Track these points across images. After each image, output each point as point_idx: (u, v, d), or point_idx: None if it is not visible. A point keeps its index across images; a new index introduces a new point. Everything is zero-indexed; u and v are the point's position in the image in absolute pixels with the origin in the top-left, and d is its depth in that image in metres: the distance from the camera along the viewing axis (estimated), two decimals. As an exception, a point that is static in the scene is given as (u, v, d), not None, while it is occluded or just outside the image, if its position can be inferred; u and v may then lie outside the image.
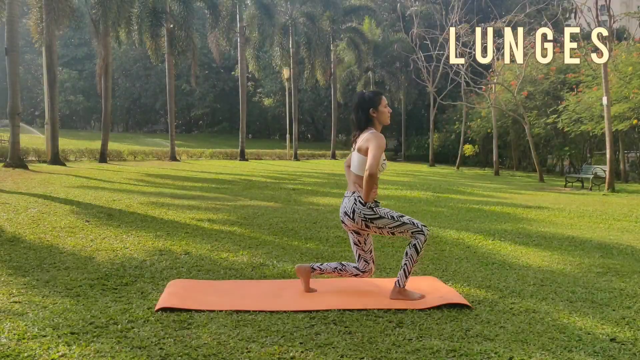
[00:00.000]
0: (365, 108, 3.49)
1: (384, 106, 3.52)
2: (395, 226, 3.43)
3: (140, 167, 18.22)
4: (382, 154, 3.38)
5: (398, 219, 3.44)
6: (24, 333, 2.65)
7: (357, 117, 3.53)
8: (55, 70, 17.24)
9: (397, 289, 3.48)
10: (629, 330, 3.01)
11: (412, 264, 3.46)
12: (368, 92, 3.60)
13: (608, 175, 15.24)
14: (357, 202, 3.44)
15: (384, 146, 3.40)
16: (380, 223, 3.44)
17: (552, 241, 5.99)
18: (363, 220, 3.45)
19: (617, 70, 19.08)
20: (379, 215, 3.43)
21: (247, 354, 2.51)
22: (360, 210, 3.43)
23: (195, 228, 6.01)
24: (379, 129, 3.52)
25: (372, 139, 3.38)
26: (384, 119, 3.52)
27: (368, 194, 3.37)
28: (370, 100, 3.50)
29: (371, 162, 3.30)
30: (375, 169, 3.30)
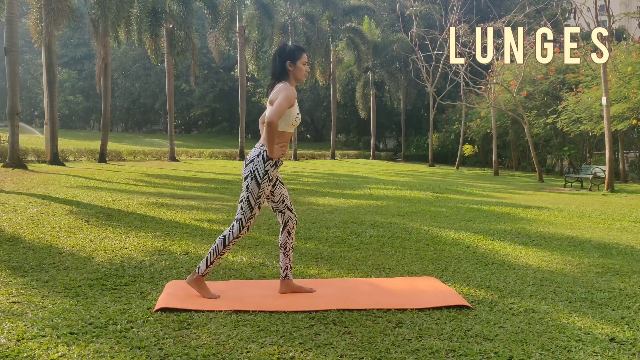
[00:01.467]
0: (283, 59, 3.45)
1: (303, 63, 3.47)
2: (247, 202, 3.39)
3: (140, 167, 18.22)
4: (289, 105, 3.31)
5: (256, 203, 3.39)
6: (23, 333, 2.65)
7: (273, 65, 3.49)
8: (55, 70, 17.24)
9: (195, 276, 3.42)
10: (629, 330, 3.01)
11: (216, 255, 3.40)
12: (291, 45, 3.53)
13: (607, 175, 15.25)
14: (260, 155, 3.37)
15: (294, 98, 3.34)
16: (252, 186, 3.37)
17: (551, 241, 5.99)
18: (249, 172, 3.38)
19: (616, 70, 19.10)
20: (260, 183, 3.37)
21: (246, 354, 2.51)
22: (257, 164, 3.37)
23: (194, 228, 6.01)
24: (292, 83, 3.47)
25: (282, 90, 3.33)
26: (299, 75, 3.47)
27: (271, 147, 3.30)
28: (290, 53, 3.45)
29: (274, 110, 3.24)
30: (276, 118, 3.23)
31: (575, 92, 22.05)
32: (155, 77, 49.09)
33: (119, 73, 50.01)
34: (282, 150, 3.39)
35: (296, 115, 3.43)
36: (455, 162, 30.66)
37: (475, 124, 30.69)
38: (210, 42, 28.04)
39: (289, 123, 3.41)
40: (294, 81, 3.49)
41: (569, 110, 21.41)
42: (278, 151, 3.36)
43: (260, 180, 3.37)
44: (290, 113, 3.38)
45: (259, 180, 3.37)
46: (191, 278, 3.44)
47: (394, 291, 3.68)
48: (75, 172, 13.87)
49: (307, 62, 3.54)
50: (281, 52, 3.48)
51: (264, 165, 3.37)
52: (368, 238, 5.77)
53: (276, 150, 3.35)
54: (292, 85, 3.46)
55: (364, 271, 4.31)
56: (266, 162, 3.37)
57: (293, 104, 3.37)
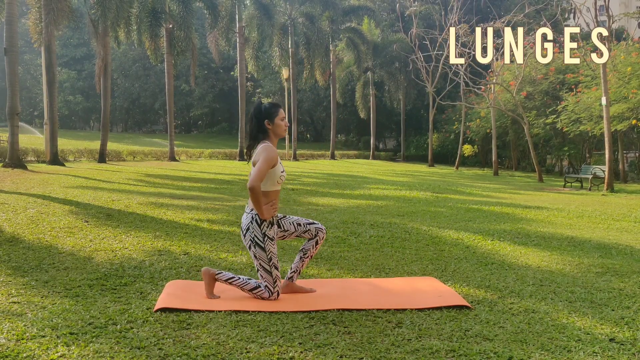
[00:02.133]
0: (261, 119, 3.45)
1: (281, 119, 3.47)
2: (264, 267, 3.39)
3: (139, 167, 18.22)
4: (270, 167, 3.32)
5: (271, 266, 3.39)
6: (23, 333, 2.65)
7: (251, 127, 3.49)
8: (54, 70, 17.23)
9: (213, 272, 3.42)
10: (628, 330, 3.01)
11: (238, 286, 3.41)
12: (266, 103, 3.53)
13: (607, 176, 15.26)
14: (254, 221, 3.39)
15: (275, 159, 3.35)
16: (259, 253, 3.39)
17: (551, 241, 6.00)
18: (250, 241, 3.40)
19: (616, 70, 19.10)
20: (264, 247, 3.38)
21: (246, 354, 2.51)
22: (254, 231, 3.39)
23: (194, 228, 6.01)
24: (274, 141, 3.47)
25: (262, 153, 3.34)
26: (279, 132, 3.47)
27: (260, 209, 3.31)
28: (266, 112, 3.45)
29: (254, 175, 3.26)
30: (256, 183, 3.24)
31: (575, 92, 22.06)
32: (155, 77, 49.10)
33: (119, 73, 50.02)
34: (272, 209, 3.40)
35: (280, 174, 3.43)
36: (455, 162, 30.67)
37: (475, 124, 30.69)
38: (210, 42, 28.06)
39: (274, 182, 3.41)
40: (274, 138, 3.48)
41: (569, 111, 21.42)
42: (269, 211, 3.37)
43: (264, 244, 3.39)
44: (275, 173, 3.38)
45: (263, 245, 3.39)
46: (209, 271, 3.44)
47: (394, 291, 3.68)
48: (75, 172, 13.87)
49: (285, 116, 3.53)
50: (257, 112, 3.47)
51: (260, 229, 3.39)
52: (368, 238, 5.77)
53: (266, 211, 3.35)
54: (273, 143, 3.47)
55: (363, 271, 4.31)
56: (261, 226, 3.39)
57: (275, 164, 3.37)
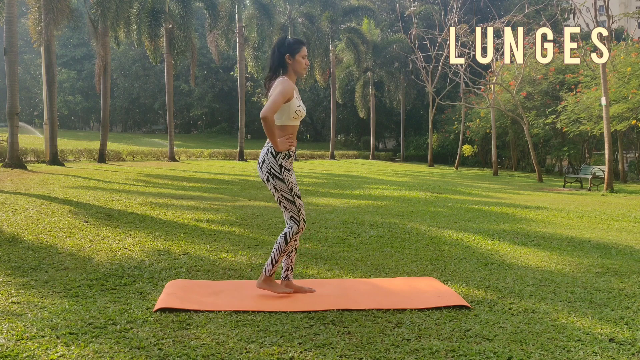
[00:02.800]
0: (282, 53, 3.41)
1: (302, 56, 3.43)
2: (286, 198, 3.39)
3: (139, 167, 18.21)
4: (285, 99, 3.28)
5: (292, 195, 3.39)
6: (23, 333, 2.65)
7: (272, 59, 3.45)
8: (54, 70, 17.23)
9: (263, 277, 3.46)
10: (628, 331, 3.01)
11: (279, 252, 3.42)
12: (290, 38, 3.48)
13: (607, 176, 15.26)
14: (269, 153, 3.37)
15: (290, 92, 3.30)
16: (278, 184, 3.37)
17: (550, 241, 6.00)
18: (267, 172, 3.38)
19: (615, 70, 19.11)
20: (282, 177, 3.36)
21: (246, 355, 2.51)
22: (269, 162, 3.37)
23: (194, 228, 6.01)
24: (293, 78, 3.45)
25: (278, 85, 3.31)
26: (299, 69, 3.43)
27: (274, 141, 3.28)
28: (289, 46, 3.42)
29: (267, 105, 3.21)
30: (269, 113, 3.19)
31: (575, 93, 22.07)
32: (155, 77, 49.10)
33: (119, 73, 50.01)
34: (288, 142, 3.37)
35: (296, 108, 3.38)
36: (455, 162, 30.67)
37: (474, 124, 30.69)
38: (209, 42, 28.05)
39: (289, 117, 3.38)
40: (293, 75, 3.45)
41: (569, 111, 21.42)
42: (284, 144, 3.34)
43: (281, 175, 3.37)
44: (290, 107, 3.35)
45: (280, 176, 3.37)
46: (260, 281, 3.46)
47: (394, 291, 3.68)
48: (75, 173, 13.87)
49: (307, 55, 3.50)
50: (280, 45, 3.44)
51: (276, 161, 3.36)
52: (367, 238, 5.77)
53: (281, 143, 3.33)
54: (292, 79, 3.43)
55: (363, 271, 4.31)
56: (277, 157, 3.36)
57: (290, 98, 3.33)
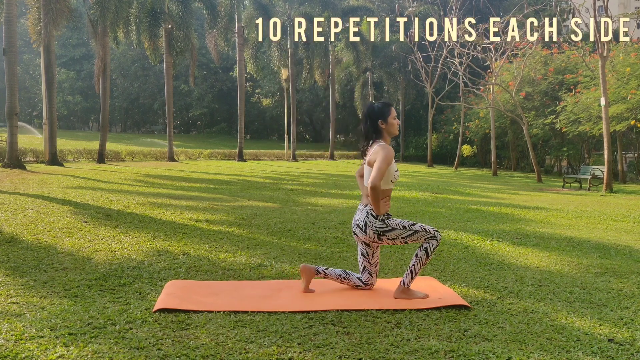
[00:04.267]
0: (375, 119, 3.54)
1: (393, 117, 3.56)
2: (407, 235, 3.49)
3: (139, 167, 18.20)
4: (388, 166, 3.42)
5: (410, 228, 3.48)
6: (22, 334, 2.64)
7: (365, 128, 3.57)
8: (53, 70, 17.22)
9: (401, 288, 3.53)
10: (627, 331, 3.01)
11: (420, 266, 3.51)
12: (378, 103, 3.63)
13: (606, 176, 15.27)
14: (369, 215, 3.50)
15: (392, 158, 3.44)
16: (392, 235, 3.50)
17: (550, 242, 6.00)
18: (375, 234, 3.50)
19: (614, 71, 19.12)
20: (391, 227, 3.49)
21: (245, 355, 2.51)
22: (373, 224, 3.49)
23: (193, 229, 6.01)
24: (387, 140, 3.56)
25: (380, 152, 3.43)
26: (392, 131, 3.57)
27: (377, 206, 3.43)
28: (379, 112, 3.55)
29: (374, 175, 3.36)
30: (377, 182, 3.35)
31: (574, 93, 22.07)
32: (154, 78, 49.07)
33: (118, 73, 49.98)
34: (386, 205, 3.52)
35: (395, 172, 3.53)
36: (454, 162, 30.66)
37: (474, 124, 30.69)
38: (209, 42, 28.04)
39: (388, 181, 3.51)
40: (387, 137, 3.57)
41: (568, 111, 21.43)
42: (384, 207, 3.50)
43: (385, 227, 3.49)
44: (389, 171, 3.48)
45: (385, 228, 3.49)
46: (398, 292, 3.52)
47: (393, 291, 3.68)
48: (74, 173, 13.86)
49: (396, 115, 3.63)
50: (371, 112, 3.57)
51: (377, 221, 3.49)
52: (367, 238, 5.77)
53: (382, 207, 3.48)
54: (387, 142, 3.55)
55: (362, 272, 4.31)
56: (377, 218, 3.49)
57: (391, 162, 3.46)
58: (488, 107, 26.14)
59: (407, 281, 3.52)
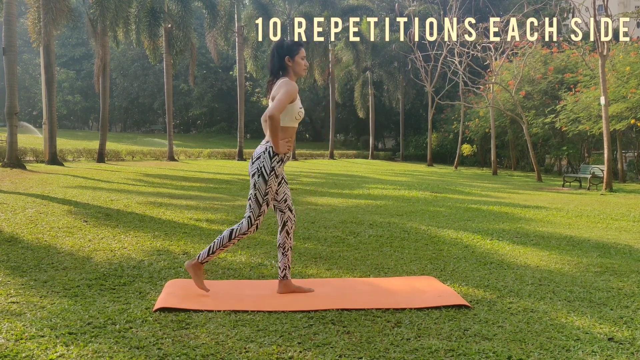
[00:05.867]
0: (282, 55, 3.46)
1: (301, 57, 3.48)
2: (257, 198, 3.40)
3: (138, 167, 18.20)
4: (290, 100, 3.33)
5: (264, 200, 3.40)
6: (22, 333, 2.64)
7: (272, 62, 3.50)
8: (53, 70, 17.22)
9: (194, 261, 3.43)
10: (627, 330, 3.01)
11: (219, 245, 3.42)
12: (288, 40, 3.54)
13: (606, 175, 15.27)
14: (267, 151, 3.39)
15: (294, 93, 3.36)
16: (259, 184, 3.39)
17: (550, 241, 6.00)
18: (257, 169, 3.39)
19: (614, 70, 19.11)
20: (267, 180, 3.38)
21: (245, 354, 2.51)
22: (263, 160, 3.38)
23: (193, 228, 6.01)
24: (293, 79, 3.49)
25: (283, 86, 3.36)
26: (299, 70, 3.48)
27: (276, 141, 3.31)
28: (288, 48, 3.47)
29: (274, 104, 3.27)
30: (277, 112, 3.25)
31: (574, 92, 22.07)
32: (154, 77, 49.04)
33: (118, 73, 49.96)
34: (287, 145, 3.41)
35: (299, 109, 3.46)
36: (454, 161, 30.66)
37: (474, 123, 30.69)
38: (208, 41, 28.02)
39: (292, 118, 3.44)
40: (293, 76, 3.50)
41: (568, 110, 21.43)
42: (284, 146, 3.38)
43: (267, 176, 3.39)
44: (293, 108, 3.41)
45: (266, 177, 3.39)
46: (190, 262, 3.46)
47: (393, 291, 3.69)
48: (74, 172, 13.86)
49: (305, 56, 3.55)
50: (279, 48, 3.50)
51: (271, 162, 3.39)
52: (367, 238, 5.77)
53: (282, 146, 3.37)
54: (293, 80, 3.48)
55: (362, 271, 4.32)
56: (272, 158, 3.39)
57: (294, 99, 3.39)
58: (488, 107, 26.14)
59: (203, 256, 3.41)
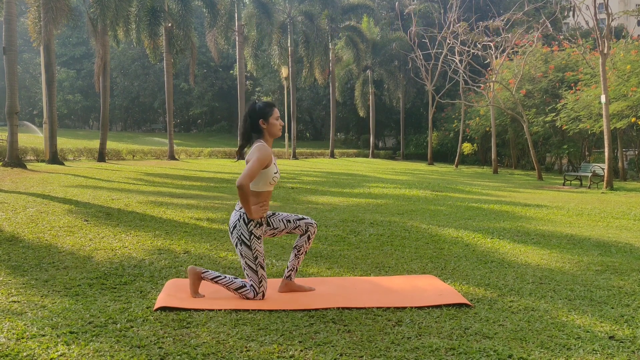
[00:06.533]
0: (255, 119, 3.40)
1: (275, 118, 3.41)
2: (249, 266, 3.35)
3: (139, 166, 18.21)
4: (262, 167, 3.27)
5: (257, 265, 3.35)
6: (23, 332, 2.65)
7: (244, 126, 3.44)
8: (54, 69, 17.22)
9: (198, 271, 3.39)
10: (628, 328, 3.01)
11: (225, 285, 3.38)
12: (260, 102, 3.48)
13: (606, 174, 15.26)
14: (241, 219, 3.35)
15: (268, 159, 3.29)
16: (244, 251, 3.35)
17: (550, 239, 6.00)
18: (237, 239, 3.36)
19: (615, 68, 19.10)
20: (250, 245, 3.34)
21: (246, 353, 2.51)
22: (240, 229, 3.35)
23: (194, 227, 6.01)
24: (269, 141, 3.43)
25: (255, 152, 3.30)
26: (274, 131, 3.42)
27: (248, 208, 3.26)
28: (260, 111, 3.40)
29: (243, 174, 3.19)
30: (246, 181, 3.18)
31: (575, 90, 22.05)
32: (154, 76, 49.03)
33: (118, 72, 49.94)
34: (262, 209, 3.35)
35: (274, 175, 3.38)
36: (455, 160, 30.65)
37: (474, 122, 30.67)
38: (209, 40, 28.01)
39: (266, 183, 3.37)
40: (269, 138, 3.44)
41: (568, 109, 21.41)
42: (258, 211, 3.33)
43: (250, 243, 3.35)
44: (267, 173, 3.34)
45: (249, 244, 3.35)
46: (194, 269, 3.41)
47: (394, 289, 3.69)
48: (75, 172, 13.87)
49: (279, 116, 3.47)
50: (252, 111, 3.43)
51: (247, 228, 3.35)
52: (367, 237, 5.78)
53: (255, 211, 3.31)
54: (269, 144, 3.42)
55: (363, 270, 4.32)
56: (248, 225, 3.35)
57: (269, 165, 3.33)
58: (488, 105, 26.12)
59: (209, 275, 3.38)
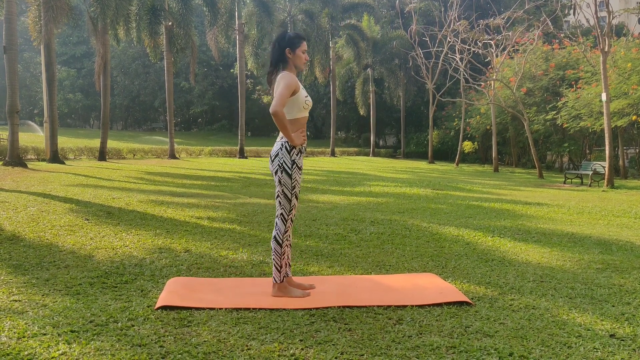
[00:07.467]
0: (282, 47, 3.44)
1: (302, 51, 3.46)
2: (285, 194, 3.42)
3: (140, 165, 18.22)
4: (291, 93, 3.33)
5: (292, 194, 3.43)
6: (24, 331, 2.65)
7: (272, 54, 3.48)
8: (54, 68, 17.23)
9: (275, 287, 3.45)
10: (629, 326, 3.01)
11: (278, 257, 3.44)
12: (290, 32, 3.53)
13: (607, 172, 15.25)
14: (283, 148, 3.41)
15: (295, 85, 3.35)
16: (284, 179, 3.41)
17: (551, 237, 6.00)
18: (278, 166, 3.42)
19: (616, 66, 19.07)
20: (291, 174, 3.41)
21: (247, 352, 2.51)
22: (283, 157, 3.41)
23: (194, 226, 6.01)
24: (294, 72, 3.48)
25: (281, 81, 3.35)
26: (299, 63, 3.47)
27: (289, 134, 3.33)
28: (289, 41, 3.45)
29: (275, 100, 3.27)
30: (279, 107, 3.25)
31: (575, 89, 22.03)
32: (155, 75, 49.04)
33: (118, 71, 49.95)
34: (302, 136, 3.42)
35: (305, 98, 3.44)
36: (455, 158, 30.63)
37: (475, 120, 30.65)
38: (209, 39, 28.01)
39: (300, 108, 3.44)
40: (294, 69, 3.49)
41: (569, 107, 21.39)
42: (299, 138, 3.40)
43: (290, 171, 3.41)
44: (298, 99, 3.40)
45: (289, 172, 3.41)
46: (273, 291, 3.44)
47: (394, 288, 3.69)
48: (75, 171, 13.87)
49: (307, 50, 3.53)
50: (281, 40, 3.48)
51: (290, 156, 3.41)
52: (368, 235, 5.78)
53: (296, 138, 3.38)
54: (294, 73, 3.46)
55: (364, 268, 4.32)
56: (290, 152, 3.41)
57: (297, 90, 3.38)
58: (489, 103, 26.10)
59: (277, 277, 3.44)
